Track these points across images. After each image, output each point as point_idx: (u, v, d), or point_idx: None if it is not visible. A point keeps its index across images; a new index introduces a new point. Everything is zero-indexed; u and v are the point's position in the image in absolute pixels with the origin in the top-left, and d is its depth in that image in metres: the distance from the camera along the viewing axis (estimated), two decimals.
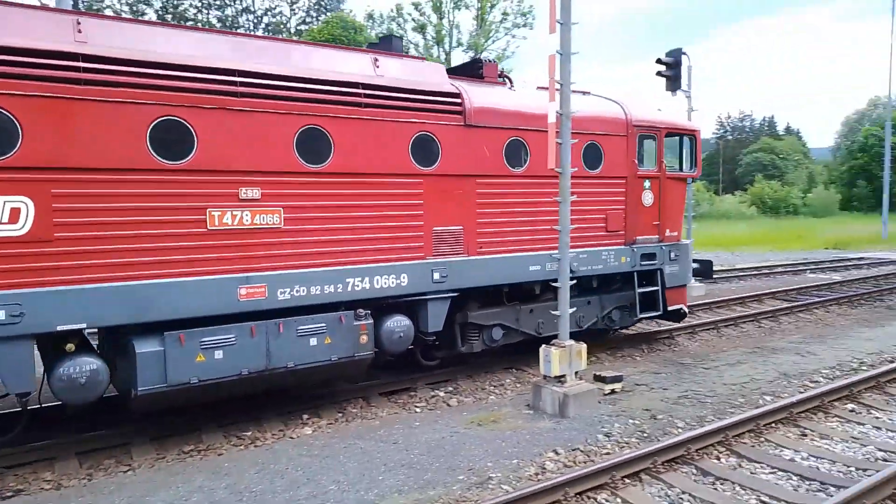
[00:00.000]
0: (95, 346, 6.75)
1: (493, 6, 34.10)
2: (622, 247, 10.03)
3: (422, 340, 8.46)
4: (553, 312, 8.07)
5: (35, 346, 5.89)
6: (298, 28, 37.99)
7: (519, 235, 8.87)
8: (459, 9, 34.05)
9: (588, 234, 9.52)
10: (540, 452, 6.54)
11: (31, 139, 5.58)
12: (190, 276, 6.37)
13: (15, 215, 5.56)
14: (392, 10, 34.60)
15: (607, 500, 5.54)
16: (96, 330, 6.53)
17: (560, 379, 7.71)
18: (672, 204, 10.76)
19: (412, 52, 34.14)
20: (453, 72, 9.16)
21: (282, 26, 38.03)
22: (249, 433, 7.27)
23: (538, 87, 9.47)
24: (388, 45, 8.88)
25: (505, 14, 33.76)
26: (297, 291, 6.97)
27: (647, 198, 10.32)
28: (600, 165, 9.68)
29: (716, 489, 5.77)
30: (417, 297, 8.00)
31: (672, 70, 12.57)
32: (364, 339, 7.44)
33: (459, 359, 9.51)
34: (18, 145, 5.55)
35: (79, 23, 6.06)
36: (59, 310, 5.72)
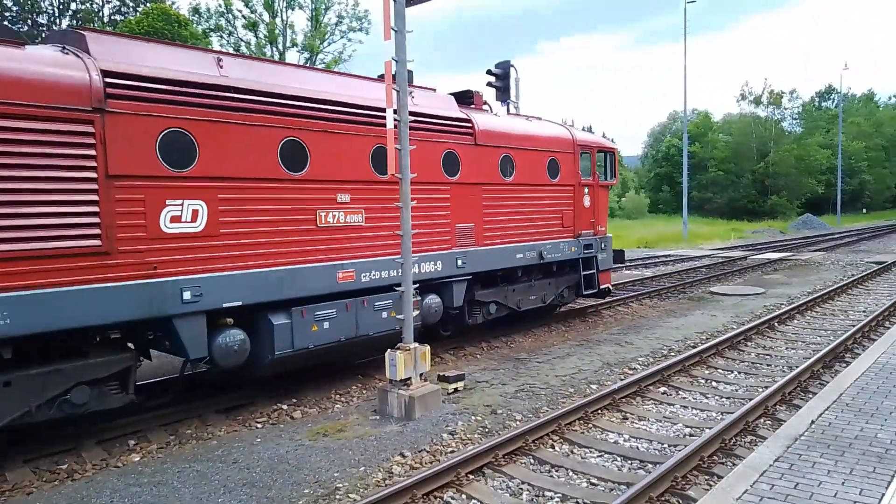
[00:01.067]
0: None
1: (327, 8, 33.71)
2: (572, 239, 12.73)
3: (447, 315, 10.34)
4: (539, 285, 11.93)
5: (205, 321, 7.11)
6: (113, 18, 34.82)
7: (509, 231, 11.22)
8: (293, 8, 33.24)
9: (552, 229, 12.20)
10: (387, 457, 6.55)
11: (204, 154, 7.00)
12: (306, 263, 8.06)
13: (195, 215, 7.01)
14: (220, 5, 32.92)
15: (453, 498, 5.68)
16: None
17: (405, 382, 7.77)
18: (602, 206, 13.78)
19: (243, 50, 32.75)
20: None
21: (93, 15, 34.63)
22: (66, 465, 6.51)
23: (512, 114, 12.34)
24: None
25: (340, 17, 33.55)
26: (373, 275, 8.85)
27: (587, 201, 13.13)
28: (558, 176, 12.27)
29: (551, 476, 6.14)
30: (446, 280, 10.06)
31: (501, 81, 13.19)
32: (425, 310, 9.61)
33: (460, 333, 11.57)
34: (196, 159, 6.98)
35: (220, 59, 7.67)
36: (223, 291, 7.14)
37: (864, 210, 73.01)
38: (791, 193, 60.89)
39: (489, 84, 14.36)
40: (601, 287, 13.67)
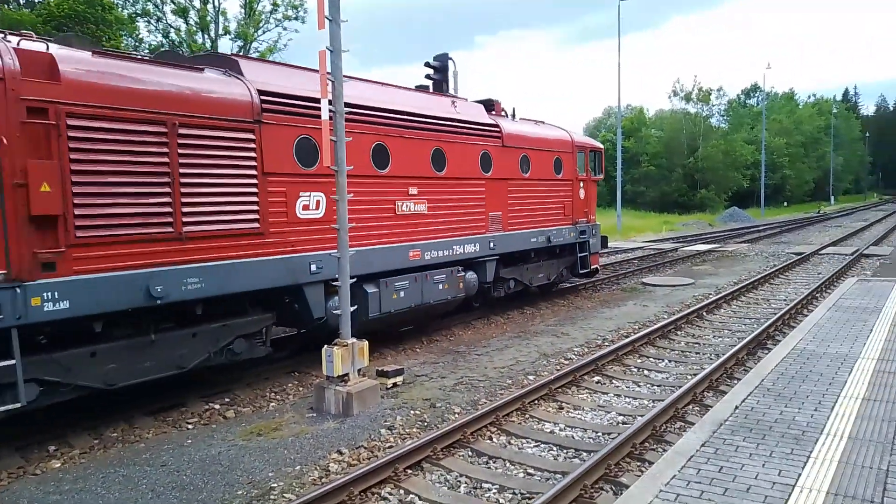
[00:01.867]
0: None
1: None
2: (570, 226, 14.91)
3: (481, 289, 12.39)
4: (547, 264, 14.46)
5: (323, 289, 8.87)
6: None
7: (526, 218, 13.32)
8: None
9: (556, 217, 14.40)
10: (324, 455, 6.46)
11: (322, 155, 8.17)
12: (388, 244, 9.95)
13: (317, 205, 8.79)
14: None
15: (391, 494, 5.64)
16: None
17: (343, 378, 7.67)
18: (592, 197, 16.09)
19: (173, 37, 31.54)
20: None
21: None
22: None
23: (523, 119, 14.57)
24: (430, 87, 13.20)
25: (275, 5, 32.69)
26: (433, 254, 10.84)
27: (581, 193, 15.38)
28: (561, 172, 14.50)
29: (489, 468, 6.19)
30: (481, 259, 12.04)
31: (439, 74, 13.17)
32: (461, 285, 11.50)
33: (487, 304, 13.71)
34: (318, 160, 8.63)
35: (333, 81, 8.45)
36: (335, 265, 8.02)
37: (786, 203, 76.85)
38: (719, 187, 63.34)
39: (427, 76, 14.32)
40: (592, 267, 16.06)
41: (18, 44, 6.21)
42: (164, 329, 7.38)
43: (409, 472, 6.02)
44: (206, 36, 31.60)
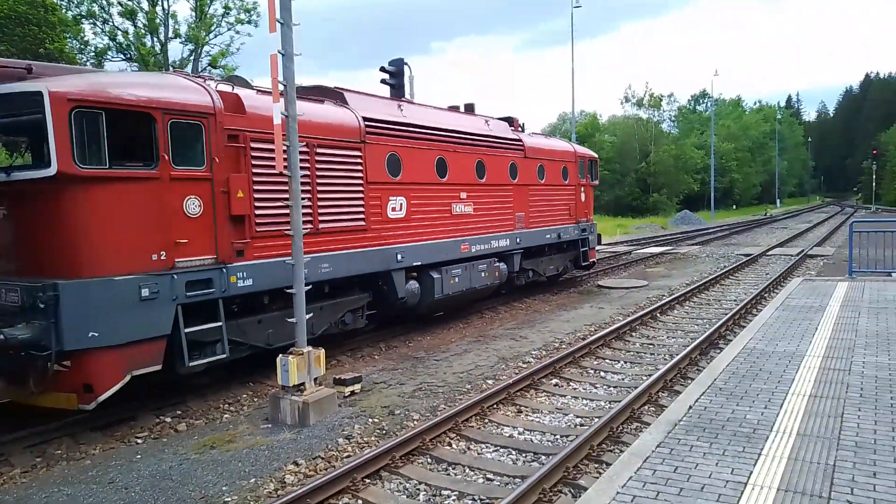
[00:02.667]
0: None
1: None
2: (574, 224, 17.48)
3: (508, 277, 14.73)
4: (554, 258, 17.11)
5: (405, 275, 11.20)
6: None
7: (542, 218, 15.86)
8: None
9: (564, 217, 16.97)
10: (280, 466, 6.32)
11: (405, 167, 10.99)
12: (446, 238, 12.19)
13: (401, 207, 11.01)
14: None
15: None
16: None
17: (299, 387, 7.53)
18: (590, 200, 18.92)
19: (120, 40, 30.61)
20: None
21: None
22: None
23: (533, 133, 17.32)
24: (469, 108, 15.11)
25: (227, 8, 32.04)
26: (477, 248, 13.11)
27: (582, 197, 18.03)
28: (567, 178, 17.14)
29: (448, 474, 6.15)
30: (509, 252, 14.43)
31: (395, 79, 13.13)
32: (497, 273, 13.84)
33: (509, 292, 16.05)
34: (401, 171, 10.98)
35: (399, 104, 11.77)
36: (413, 255, 11.11)
37: (734, 206, 79.18)
38: (670, 191, 64.87)
39: (383, 81, 14.26)
40: (591, 261, 18.75)
41: (217, 87, 8.18)
42: (313, 301, 9.09)
43: (368, 481, 5.93)
44: (154, 39, 30.81)
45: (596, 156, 19.51)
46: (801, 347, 8.27)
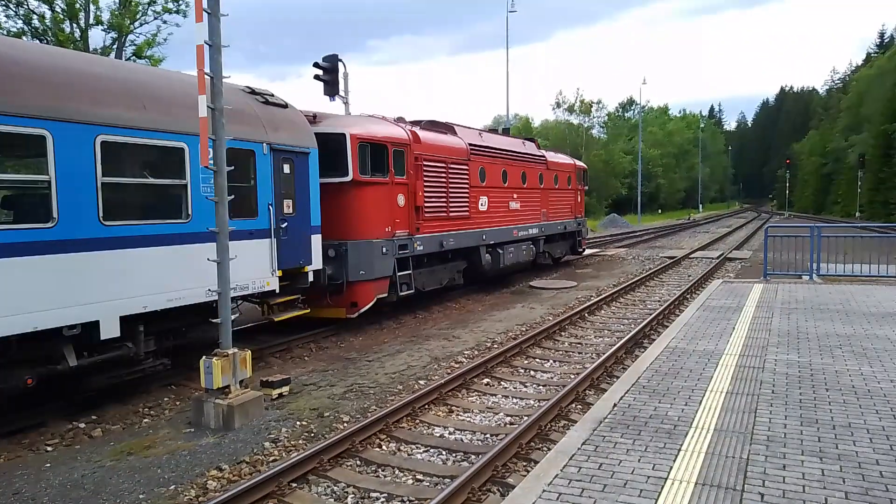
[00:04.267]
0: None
1: None
2: (573, 220, 23.14)
3: (535, 257, 20.13)
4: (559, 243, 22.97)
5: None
6: None
7: (556, 213, 21.33)
8: None
9: (567, 213, 22.62)
10: (202, 472, 6.09)
11: (487, 176, 16.24)
12: (505, 226, 17.22)
13: (485, 203, 16.11)
14: None
15: None
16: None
17: (224, 390, 7.29)
18: (581, 200, 24.89)
19: (36, 24, 28.73)
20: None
21: None
22: None
23: (548, 149, 23.72)
24: (506, 132, 22.60)
25: None
26: (521, 234, 18.05)
27: (578, 199, 24.02)
28: (570, 184, 22.86)
29: (377, 476, 6.09)
30: (537, 238, 19.52)
31: (329, 75, 12.95)
32: (531, 253, 19.15)
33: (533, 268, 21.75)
34: (486, 179, 16.18)
35: (480, 133, 17.39)
36: (490, 237, 16.20)
37: (660, 210, 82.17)
38: (600, 194, 66.71)
39: (317, 77, 14.03)
40: (582, 248, 25.09)
41: (408, 127, 13.26)
42: (440, 263, 14.74)
43: (294, 485, 5.80)
44: (74, 25, 29.16)
45: (586, 167, 26.23)
46: (719, 346, 8.63)
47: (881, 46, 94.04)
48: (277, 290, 9.95)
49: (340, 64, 13.50)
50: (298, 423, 7.40)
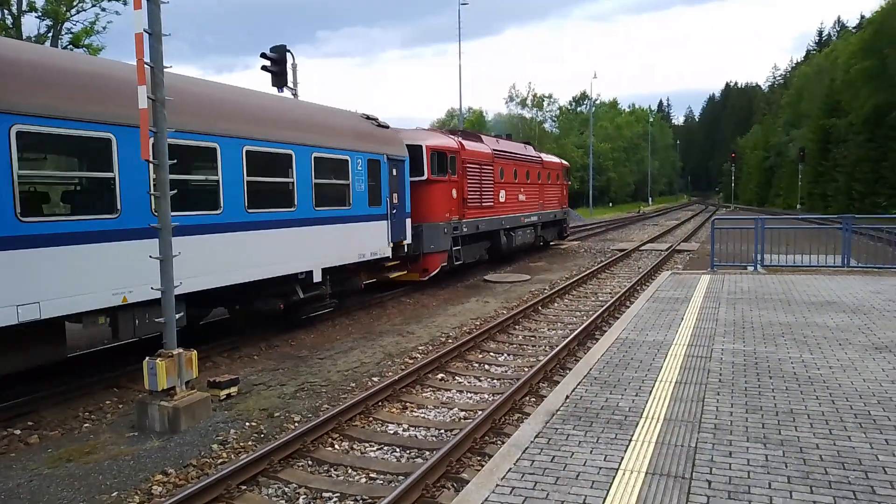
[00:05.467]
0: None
1: None
2: (561, 210, 27.75)
3: (535, 239, 24.80)
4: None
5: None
6: None
7: (550, 204, 26.23)
8: None
9: (556, 204, 27.06)
10: (146, 477, 5.88)
11: (504, 175, 21.12)
12: (516, 214, 22.04)
13: (503, 196, 20.88)
14: None
15: None
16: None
17: (169, 392, 7.05)
18: (567, 194, 29.77)
19: None
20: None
21: None
22: None
23: (543, 153, 29.07)
24: (509, 137, 26.46)
25: None
26: (526, 220, 22.98)
27: (564, 192, 28.76)
28: (559, 180, 27.72)
29: (330, 476, 5.98)
30: (536, 224, 24.27)
31: (277, 66, 12.66)
32: (533, 236, 24.10)
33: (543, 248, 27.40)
34: (504, 176, 21.11)
35: (497, 140, 22.47)
36: (507, 223, 21.13)
37: (611, 203, 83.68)
38: None
39: (264, 68, 13.71)
40: (568, 234, 30.09)
41: (456, 137, 18.18)
42: (475, 242, 18.80)
43: (244, 487, 5.65)
44: (6, 12, 27.80)
45: (569, 165, 32.67)
46: (668, 337, 8.79)
47: (820, 44, 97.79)
48: (390, 256, 14.30)
49: (289, 55, 13.20)
50: (248, 423, 7.22)
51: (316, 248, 11.47)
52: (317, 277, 11.44)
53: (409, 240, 15.06)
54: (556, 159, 28.61)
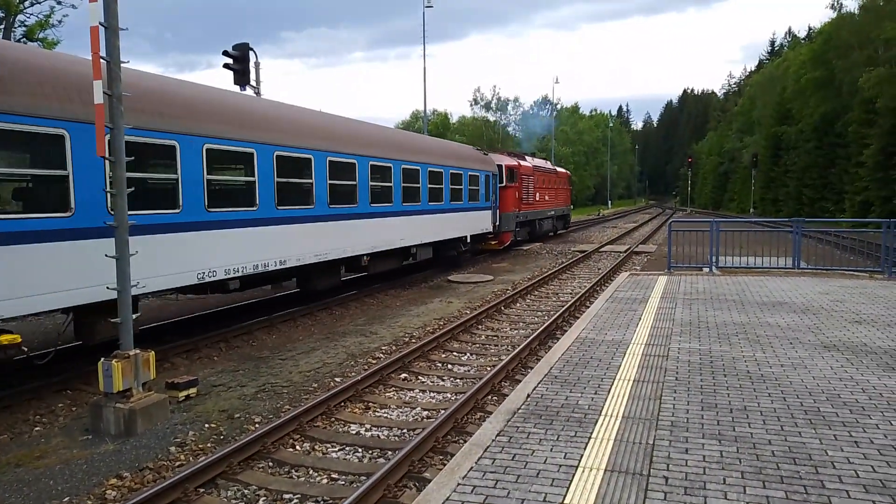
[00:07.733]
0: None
1: None
2: (565, 207, 38.85)
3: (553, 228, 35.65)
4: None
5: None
6: None
7: (559, 202, 36.52)
8: None
9: (563, 203, 37.99)
10: (100, 481, 5.73)
11: (539, 182, 30.77)
12: (543, 209, 31.95)
13: (529, 195, 28.81)
14: None
15: None
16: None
17: (125, 394, 6.88)
18: (569, 196, 42.33)
19: None
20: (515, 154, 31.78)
21: None
22: None
23: (553, 165, 41.34)
24: (521, 152, 36.98)
25: None
26: (549, 213, 33.24)
27: (568, 194, 40.96)
28: (565, 186, 38.85)
29: (290, 477, 5.93)
30: (552, 217, 34.34)
31: (239, 64, 12.48)
32: (552, 224, 34.68)
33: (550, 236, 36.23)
34: (538, 183, 31.26)
35: (534, 157, 35.94)
36: (539, 215, 31.10)
37: (572, 206, 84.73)
38: None
39: (226, 66, 13.49)
40: (569, 225, 40.31)
41: (515, 157, 28.67)
42: (523, 228, 28.35)
43: (202, 490, 5.55)
44: None
45: (570, 173, 43.61)
46: (626, 336, 8.96)
47: (772, 53, 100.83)
48: (492, 231, 23.60)
49: (251, 53, 13.01)
50: (207, 425, 7.09)
51: (468, 224, 21.05)
52: (468, 239, 21.28)
53: (498, 223, 24.23)
54: (563, 170, 39.87)
